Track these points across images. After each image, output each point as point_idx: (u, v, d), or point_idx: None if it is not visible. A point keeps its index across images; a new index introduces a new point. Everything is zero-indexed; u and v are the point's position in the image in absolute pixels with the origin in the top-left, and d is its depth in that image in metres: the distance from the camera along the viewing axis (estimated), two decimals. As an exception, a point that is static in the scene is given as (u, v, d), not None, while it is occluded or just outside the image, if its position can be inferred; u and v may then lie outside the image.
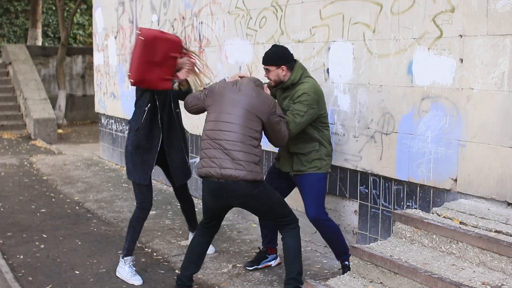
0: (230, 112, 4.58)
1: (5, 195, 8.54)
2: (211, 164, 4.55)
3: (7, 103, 15.96)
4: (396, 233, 4.50)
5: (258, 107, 4.61)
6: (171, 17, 8.63)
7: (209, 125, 4.67)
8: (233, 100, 4.63)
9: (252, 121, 4.57)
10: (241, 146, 4.51)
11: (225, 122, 4.57)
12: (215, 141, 4.56)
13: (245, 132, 4.53)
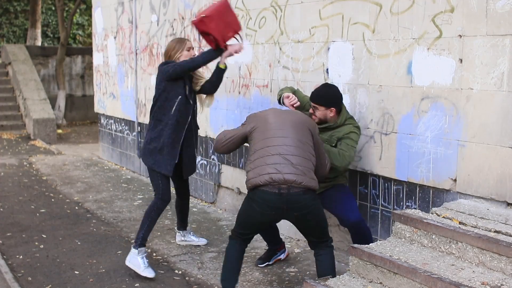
0: (281, 127, 4.52)
1: (5, 195, 8.53)
2: (269, 171, 4.34)
3: (7, 103, 15.96)
4: (396, 233, 4.49)
5: (306, 120, 4.65)
6: (170, 17, 8.63)
7: (258, 144, 4.52)
8: (279, 118, 4.59)
9: (304, 131, 4.54)
10: (299, 153, 4.41)
11: (277, 137, 4.48)
12: (270, 150, 4.43)
13: (300, 143, 4.47)
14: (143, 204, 8.02)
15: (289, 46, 6.25)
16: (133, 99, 10.00)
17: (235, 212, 7.41)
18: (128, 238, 6.49)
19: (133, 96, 9.99)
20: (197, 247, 6.18)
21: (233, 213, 7.45)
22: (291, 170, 4.32)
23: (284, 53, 6.32)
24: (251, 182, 4.43)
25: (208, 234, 6.63)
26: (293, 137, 4.47)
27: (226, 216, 7.38)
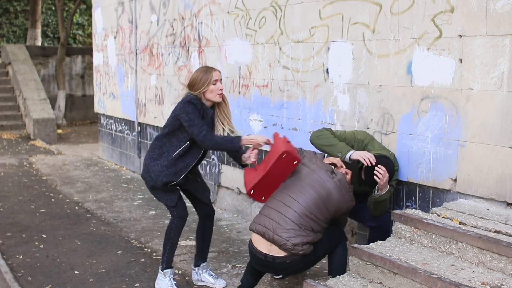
0: (300, 190, 4.53)
1: (5, 195, 8.53)
2: (266, 225, 4.47)
3: (7, 103, 15.96)
4: (396, 233, 4.50)
5: (340, 204, 4.57)
6: (170, 17, 8.63)
7: (287, 187, 4.62)
8: (321, 182, 4.55)
9: (327, 210, 4.51)
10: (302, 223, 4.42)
11: (292, 197, 4.50)
12: (277, 206, 4.51)
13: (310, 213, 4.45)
14: (143, 204, 8.02)
15: (289, 46, 6.25)
16: (133, 99, 10.00)
17: (235, 212, 7.41)
18: (128, 238, 6.49)
19: (133, 96, 9.99)
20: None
21: (233, 213, 7.45)
22: (283, 231, 4.38)
23: (284, 53, 6.32)
24: (251, 225, 4.65)
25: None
26: (312, 202, 4.47)
27: (226, 216, 7.38)
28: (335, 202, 4.50)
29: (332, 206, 4.50)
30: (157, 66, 9.15)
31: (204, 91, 4.90)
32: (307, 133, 6.06)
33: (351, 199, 4.65)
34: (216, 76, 4.92)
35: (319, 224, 4.47)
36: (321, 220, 4.47)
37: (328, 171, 4.63)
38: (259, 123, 6.79)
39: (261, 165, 4.83)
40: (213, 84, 4.89)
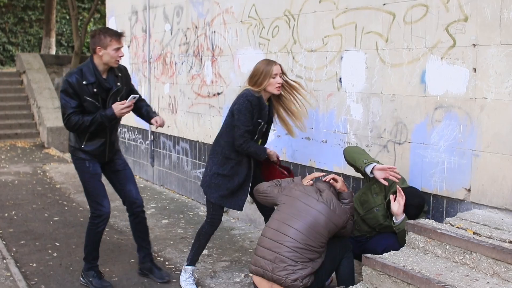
0: (296, 217, 4.53)
1: (19, 203, 8.58)
2: (263, 266, 4.51)
3: (21, 111, 16.06)
4: (409, 243, 4.47)
5: (332, 222, 4.54)
6: (184, 27, 8.67)
7: (273, 223, 4.64)
8: (306, 208, 4.56)
9: (319, 234, 4.49)
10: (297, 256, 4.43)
11: (289, 225, 4.51)
12: (276, 236, 4.52)
13: (307, 238, 4.45)
14: (156, 212, 8.03)
15: (302, 55, 6.25)
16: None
17: (247, 221, 7.40)
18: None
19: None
20: (209, 256, 6.18)
21: (245, 222, 7.44)
22: (280, 270, 4.40)
23: (297, 62, 6.32)
24: (249, 267, 4.71)
25: (220, 243, 6.62)
26: (302, 232, 4.47)
27: (238, 225, 7.37)
28: (323, 224, 4.49)
29: (323, 228, 4.48)
30: (170, 75, 9.18)
31: (267, 85, 5.12)
32: (320, 142, 6.06)
33: (344, 212, 4.62)
34: (276, 70, 5.11)
35: (316, 250, 4.46)
36: (317, 246, 4.46)
37: (311, 193, 4.65)
38: (272, 132, 6.78)
39: None
40: (272, 78, 5.09)
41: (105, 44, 5.04)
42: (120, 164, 5.52)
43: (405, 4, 5.05)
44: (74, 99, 5.03)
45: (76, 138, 5.23)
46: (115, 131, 5.42)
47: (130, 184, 5.52)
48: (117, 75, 5.27)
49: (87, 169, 5.27)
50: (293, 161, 6.50)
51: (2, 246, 6.44)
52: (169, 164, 9.45)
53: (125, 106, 5.08)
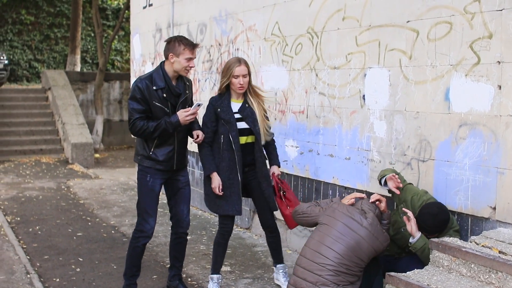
0: (338, 240, 4.50)
1: (43, 218, 8.65)
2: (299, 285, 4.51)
3: (46, 127, 16.22)
4: (433, 261, 4.43)
5: (373, 248, 4.52)
6: (207, 44, 8.72)
7: (312, 243, 4.62)
8: (349, 232, 4.53)
9: (359, 259, 4.47)
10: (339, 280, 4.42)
11: (331, 249, 4.49)
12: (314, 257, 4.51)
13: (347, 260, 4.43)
14: (179, 229, 8.04)
15: (325, 72, 6.26)
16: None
17: (270, 238, 7.38)
18: (164, 263, 6.50)
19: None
20: (232, 272, 6.17)
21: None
22: None
23: (320, 79, 6.33)
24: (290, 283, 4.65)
25: (243, 260, 6.61)
26: (343, 255, 4.44)
27: (261, 242, 7.35)
28: (365, 250, 4.47)
29: (364, 253, 4.46)
30: (194, 92, 9.22)
31: (227, 83, 5.39)
32: (343, 159, 6.04)
33: (386, 239, 4.59)
34: (240, 72, 5.32)
35: (356, 274, 4.45)
36: (356, 270, 4.45)
37: (355, 215, 4.60)
38: (295, 149, 6.78)
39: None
40: (234, 78, 5.33)
41: (178, 52, 5.12)
42: (182, 182, 5.49)
43: (429, 21, 5.04)
44: (141, 105, 5.08)
45: (144, 145, 5.23)
46: (184, 140, 5.42)
47: (183, 204, 5.51)
48: (185, 83, 5.36)
49: (146, 183, 5.27)
50: (316, 178, 6.49)
51: (26, 261, 6.50)
52: (192, 181, 9.47)
53: (189, 113, 5.09)
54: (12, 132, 15.73)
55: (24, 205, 9.51)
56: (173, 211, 5.52)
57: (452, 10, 4.83)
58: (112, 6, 25.84)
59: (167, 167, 5.26)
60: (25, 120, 16.22)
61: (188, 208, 5.55)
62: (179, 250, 5.61)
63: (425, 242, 4.63)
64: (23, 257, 6.63)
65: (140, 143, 5.27)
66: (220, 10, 8.31)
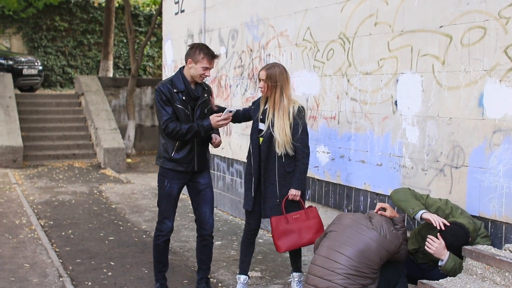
0: (349, 246, 4.51)
1: (75, 222, 8.73)
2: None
3: (79, 132, 16.40)
4: (467, 269, 4.37)
5: (384, 248, 4.51)
6: (239, 50, 8.74)
7: (322, 250, 4.64)
8: (357, 235, 4.55)
9: (371, 261, 4.47)
10: (350, 283, 4.40)
11: (341, 253, 4.50)
12: (326, 264, 4.51)
13: (358, 264, 4.44)
14: (209, 234, 8.05)
15: (357, 78, 6.23)
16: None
17: (300, 244, 7.36)
18: (194, 268, 6.52)
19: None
20: (262, 278, 6.16)
21: (298, 245, 7.40)
22: None
23: (352, 85, 6.30)
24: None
25: (273, 266, 6.60)
26: (354, 259, 4.45)
27: (291, 247, 7.33)
28: (375, 251, 4.45)
29: (374, 255, 4.44)
30: (225, 98, 9.26)
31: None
32: (375, 165, 6.00)
33: (396, 237, 4.56)
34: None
35: (368, 276, 4.43)
36: (369, 272, 4.42)
37: (361, 220, 4.63)
38: (327, 155, 6.76)
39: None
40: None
41: (197, 59, 5.35)
42: (203, 184, 5.66)
43: (462, 26, 5.00)
44: (169, 106, 5.32)
45: (166, 148, 5.45)
46: (204, 143, 5.60)
47: (206, 206, 5.66)
48: (204, 88, 5.56)
49: (164, 187, 5.53)
50: (348, 184, 6.46)
51: (59, 264, 6.56)
52: (223, 186, 9.49)
53: (221, 118, 5.32)
54: (45, 137, 15.93)
55: (57, 209, 9.61)
56: (196, 214, 5.71)
57: (486, 15, 4.78)
58: (145, 12, 26.08)
59: (188, 168, 5.48)
60: (58, 125, 16.42)
61: (211, 210, 5.68)
62: (205, 252, 5.70)
63: (455, 262, 4.54)
64: (55, 260, 6.70)
65: (162, 146, 5.48)
66: (252, 16, 8.33)
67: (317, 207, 6.95)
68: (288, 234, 5.33)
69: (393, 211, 4.80)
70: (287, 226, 5.33)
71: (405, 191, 5.03)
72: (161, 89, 5.35)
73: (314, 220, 5.43)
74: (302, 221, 5.38)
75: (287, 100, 5.41)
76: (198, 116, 5.42)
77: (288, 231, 5.33)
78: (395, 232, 4.59)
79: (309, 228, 5.37)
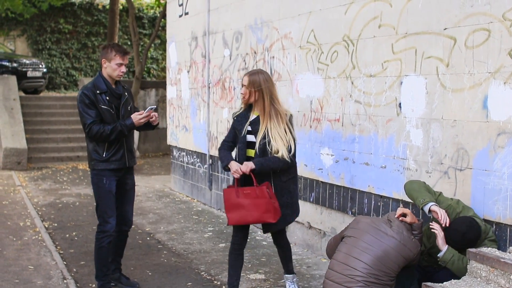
0: (367, 252, 4.50)
1: (79, 224, 8.74)
2: None
3: (83, 134, 16.29)
4: (471, 272, 4.37)
5: (402, 256, 4.50)
6: (243, 52, 8.75)
7: (340, 255, 4.62)
8: (376, 242, 4.53)
9: (388, 268, 4.46)
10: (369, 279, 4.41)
11: (359, 260, 4.48)
12: (343, 270, 4.50)
13: (376, 279, 4.43)
14: (213, 236, 8.06)
15: (361, 80, 6.23)
16: (205, 132, 10.13)
17: (305, 247, 7.36)
18: (198, 270, 6.52)
19: (205, 129, 10.13)
20: (266, 280, 6.16)
21: (302, 247, 7.40)
22: None
23: (356, 87, 6.30)
24: None
25: (277, 268, 6.60)
26: (371, 265, 4.44)
27: (296, 250, 7.33)
28: (393, 259, 4.44)
29: (393, 262, 4.43)
30: (229, 100, 9.26)
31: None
32: (379, 168, 6.00)
33: (415, 246, 4.55)
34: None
35: (386, 283, 4.42)
36: (386, 280, 4.42)
37: (380, 225, 4.60)
38: (330, 157, 6.76)
39: None
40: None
41: (110, 57, 5.52)
42: (129, 184, 5.93)
43: (467, 28, 4.99)
44: (92, 109, 5.47)
45: (96, 150, 5.63)
46: (131, 137, 5.85)
47: (130, 205, 6.01)
48: (124, 87, 5.80)
49: (103, 185, 5.64)
50: (352, 186, 6.45)
51: (63, 266, 6.57)
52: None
53: (143, 116, 5.55)
54: (50, 139, 15.97)
55: (61, 211, 9.63)
56: (118, 211, 5.85)
57: (490, 17, 4.78)
58: (149, 14, 26.11)
59: (120, 165, 5.66)
60: (62, 128, 16.46)
61: (132, 208, 6.06)
62: (122, 246, 6.08)
63: (453, 254, 4.57)
64: (60, 262, 6.71)
65: (92, 149, 5.65)
66: (256, 18, 8.33)
67: (321, 209, 6.96)
68: (238, 208, 5.17)
69: (414, 217, 4.78)
70: (238, 200, 5.17)
71: (419, 183, 5.04)
72: (84, 93, 5.46)
73: (263, 200, 5.13)
74: (252, 198, 5.16)
75: (279, 106, 5.33)
76: (123, 115, 5.63)
77: (238, 205, 5.17)
78: (414, 240, 4.58)
79: (257, 205, 5.14)
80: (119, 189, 5.81)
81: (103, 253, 5.65)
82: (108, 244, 5.65)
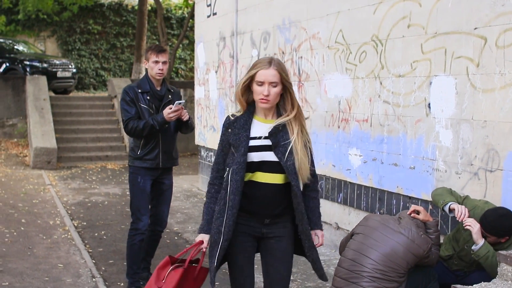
0: (376, 249, 4.48)
1: (108, 223, 8.81)
2: None
3: (112, 134, 16.55)
4: (501, 274, 4.32)
5: (411, 253, 4.45)
6: (271, 52, 8.75)
7: (349, 253, 4.61)
8: (384, 238, 4.51)
9: (397, 265, 4.43)
10: (375, 286, 4.37)
11: (367, 257, 4.47)
12: (353, 267, 4.49)
13: (383, 275, 4.40)
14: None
15: (389, 81, 6.19)
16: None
17: (332, 247, 7.34)
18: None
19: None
20: (294, 281, 6.15)
21: (330, 248, 7.37)
22: None
23: (384, 87, 6.27)
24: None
25: (305, 268, 6.58)
26: (380, 262, 4.41)
27: (323, 251, 7.30)
28: (401, 255, 4.38)
29: (401, 259, 4.37)
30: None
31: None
32: (408, 168, 5.96)
33: (425, 242, 4.48)
34: (263, 77, 3.52)
35: (394, 280, 4.37)
36: (395, 276, 4.36)
37: (389, 222, 4.56)
38: (359, 157, 6.73)
39: None
40: (257, 85, 3.57)
41: (148, 57, 5.67)
42: (166, 185, 5.95)
43: (497, 28, 4.93)
44: (132, 106, 5.60)
45: (134, 147, 5.72)
46: (170, 139, 5.79)
47: (165, 205, 5.99)
48: (169, 90, 5.84)
49: (138, 184, 5.71)
50: (380, 187, 6.42)
51: (92, 264, 6.63)
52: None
53: (172, 110, 5.47)
54: (79, 138, 16.11)
55: (90, 210, 9.71)
56: (153, 211, 5.94)
57: (522, 16, 4.72)
58: (177, 15, 26.26)
59: (153, 164, 5.70)
60: (91, 127, 16.60)
61: (168, 209, 6.05)
62: (154, 246, 6.15)
63: (488, 250, 4.50)
64: (89, 261, 6.77)
65: (131, 146, 5.74)
66: (284, 19, 8.33)
67: (348, 210, 6.93)
68: None
69: (427, 214, 4.74)
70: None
71: (444, 188, 4.97)
72: (126, 91, 5.62)
73: None
74: None
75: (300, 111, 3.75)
76: None
77: None
78: (424, 236, 4.53)
79: None
80: (156, 189, 5.86)
81: (134, 250, 5.74)
82: (140, 242, 5.72)
